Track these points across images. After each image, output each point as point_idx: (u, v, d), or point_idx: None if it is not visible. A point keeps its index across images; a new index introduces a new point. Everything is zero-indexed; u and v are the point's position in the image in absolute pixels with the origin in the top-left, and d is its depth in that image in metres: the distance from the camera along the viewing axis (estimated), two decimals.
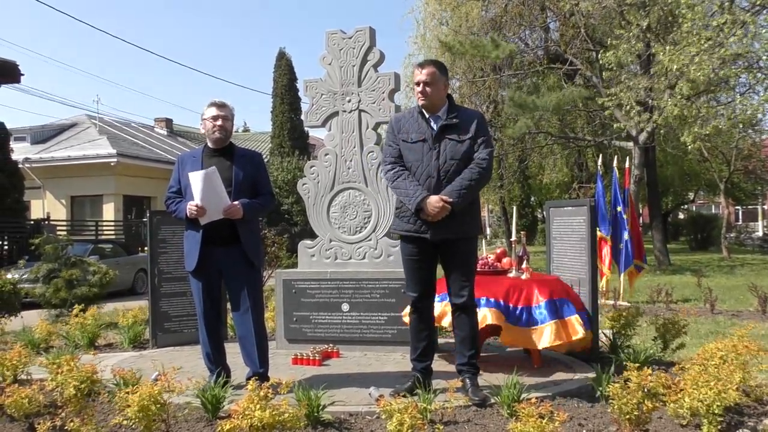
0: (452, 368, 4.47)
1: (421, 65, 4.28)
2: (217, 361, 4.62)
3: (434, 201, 4.06)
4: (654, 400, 3.43)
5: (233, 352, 4.85)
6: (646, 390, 3.42)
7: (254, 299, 4.55)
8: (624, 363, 4.75)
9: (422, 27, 22.62)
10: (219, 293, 4.69)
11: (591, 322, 5.17)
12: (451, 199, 4.06)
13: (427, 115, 4.26)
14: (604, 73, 17.33)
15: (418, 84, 4.22)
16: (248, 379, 4.32)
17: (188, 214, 4.41)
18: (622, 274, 10.59)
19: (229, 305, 5.13)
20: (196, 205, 4.35)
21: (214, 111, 4.55)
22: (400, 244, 4.44)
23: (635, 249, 10.64)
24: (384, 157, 4.39)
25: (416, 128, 4.25)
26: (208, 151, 4.63)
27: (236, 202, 4.40)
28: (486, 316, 4.84)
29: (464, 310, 4.26)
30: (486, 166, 4.18)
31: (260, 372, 4.47)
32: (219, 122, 4.52)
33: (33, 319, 8.28)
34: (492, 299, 4.95)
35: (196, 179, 4.37)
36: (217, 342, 4.65)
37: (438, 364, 4.82)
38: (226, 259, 4.50)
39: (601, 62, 15.84)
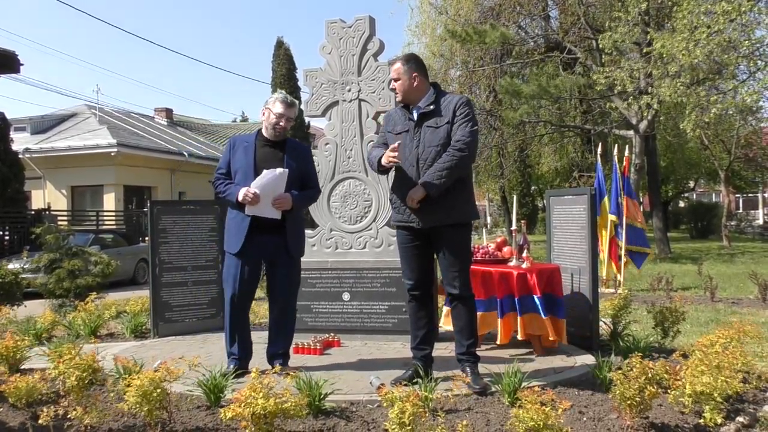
0: (453, 356, 4.48)
1: (391, 62, 4.42)
2: (239, 347, 4.70)
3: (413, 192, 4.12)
4: (657, 386, 3.44)
5: (253, 340, 4.92)
6: (649, 375, 3.43)
7: (293, 289, 4.76)
8: (623, 351, 4.79)
9: (417, 13, 22.57)
10: (257, 279, 4.77)
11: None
12: (421, 185, 4.09)
13: (410, 107, 4.33)
14: (603, 58, 17.27)
15: (390, 82, 4.33)
16: (273, 355, 4.70)
17: (241, 199, 4.46)
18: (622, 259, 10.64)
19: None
20: (254, 193, 4.42)
21: (281, 109, 4.59)
22: (397, 232, 4.47)
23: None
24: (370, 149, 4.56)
25: (401, 120, 4.35)
26: (262, 139, 4.70)
27: (287, 193, 4.51)
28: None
29: (460, 300, 4.27)
30: (462, 147, 4.07)
31: (286, 351, 4.75)
32: (282, 123, 4.61)
33: (36, 309, 8.30)
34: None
35: (266, 173, 4.47)
36: (242, 327, 4.74)
37: (438, 352, 4.83)
38: (273, 248, 4.61)
39: (600, 45, 15.77)
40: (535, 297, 5.01)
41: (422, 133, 4.20)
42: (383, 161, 4.20)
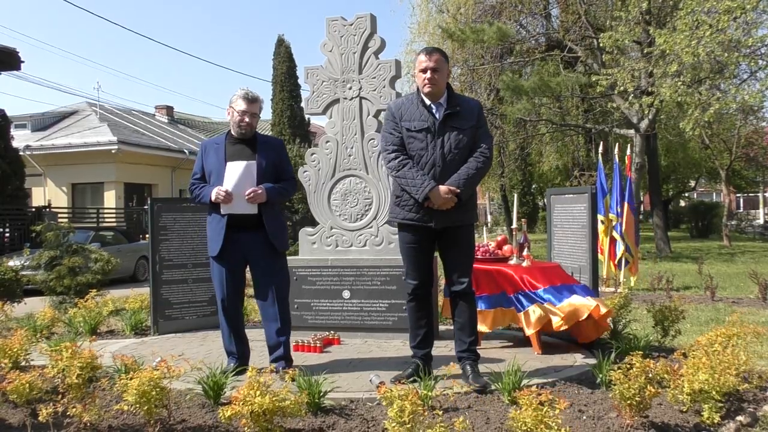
0: (453, 354, 4.48)
1: (429, 52, 4.24)
2: (237, 346, 4.68)
3: (444, 191, 4.07)
4: (657, 385, 3.44)
5: (251, 338, 4.90)
6: (650, 375, 3.42)
7: (280, 284, 4.62)
8: (623, 350, 4.78)
9: (418, 12, 22.53)
10: (243, 279, 4.72)
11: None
12: (458, 190, 4.08)
13: (428, 103, 4.22)
14: (604, 57, 17.28)
15: (425, 71, 4.17)
16: (273, 362, 4.46)
17: (214, 198, 4.45)
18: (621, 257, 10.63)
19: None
20: (226, 191, 4.40)
21: (243, 106, 4.54)
22: (399, 232, 4.43)
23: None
24: (385, 145, 4.30)
25: (418, 116, 4.20)
26: (231, 138, 4.67)
27: (259, 186, 4.46)
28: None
29: (463, 297, 4.27)
30: (489, 156, 4.23)
31: (285, 355, 4.58)
32: (247, 119, 4.55)
33: (36, 305, 8.30)
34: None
35: (234, 168, 4.45)
36: (236, 327, 4.70)
37: (439, 350, 4.83)
38: (252, 244, 4.56)
39: (601, 45, 15.76)
40: (535, 291, 5.00)
41: (447, 134, 4.16)
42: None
